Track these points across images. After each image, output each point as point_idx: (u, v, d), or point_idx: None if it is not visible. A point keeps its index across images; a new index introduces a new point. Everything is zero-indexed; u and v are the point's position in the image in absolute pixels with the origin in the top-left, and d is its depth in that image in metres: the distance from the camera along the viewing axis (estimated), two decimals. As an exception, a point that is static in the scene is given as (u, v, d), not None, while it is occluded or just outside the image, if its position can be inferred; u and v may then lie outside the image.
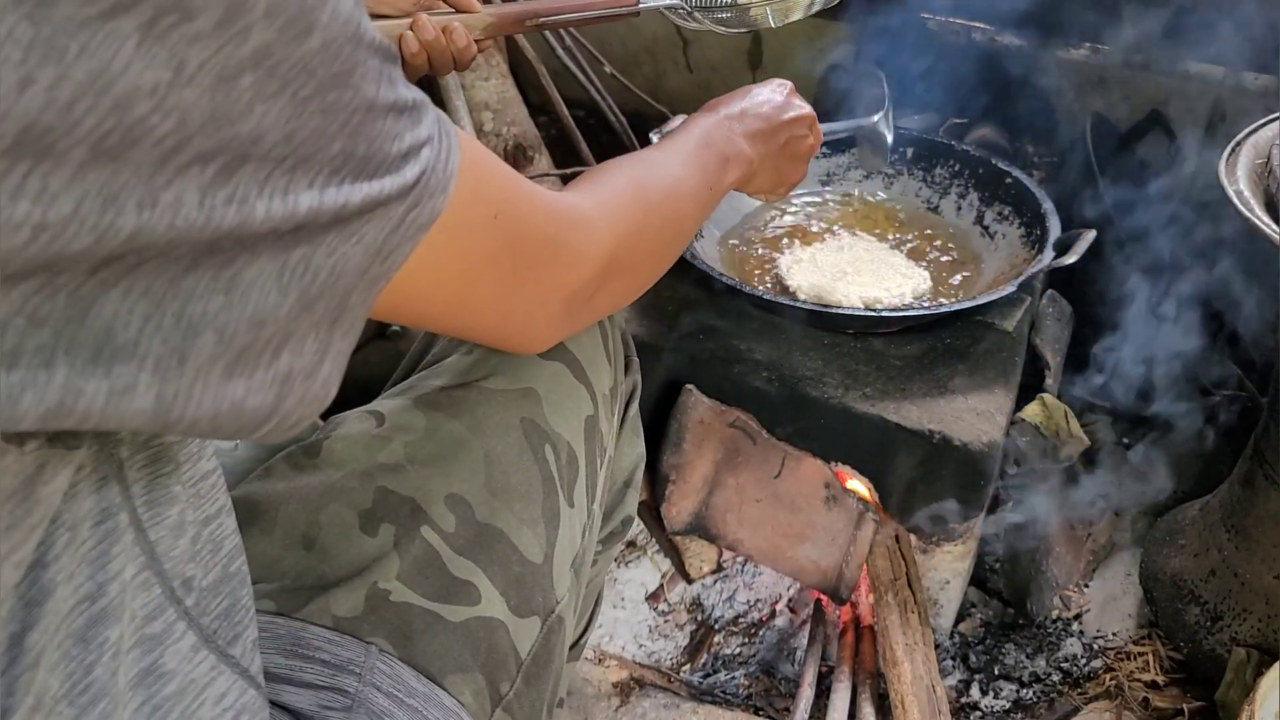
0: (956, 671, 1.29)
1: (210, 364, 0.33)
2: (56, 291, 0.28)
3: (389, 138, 0.37)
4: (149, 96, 0.28)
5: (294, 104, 0.32)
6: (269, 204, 0.32)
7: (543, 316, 0.56)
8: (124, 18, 0.27)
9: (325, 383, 0.38)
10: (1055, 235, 1.26)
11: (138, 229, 0.29)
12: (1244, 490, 1.21)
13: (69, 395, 0.30)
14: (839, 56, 1.85)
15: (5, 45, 0.25)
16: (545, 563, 0.69)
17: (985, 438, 1.14)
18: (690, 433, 1.26)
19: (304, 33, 0.32)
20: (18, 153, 0.26)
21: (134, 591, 0.39)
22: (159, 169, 0.29)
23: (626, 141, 1.88)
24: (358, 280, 0.37)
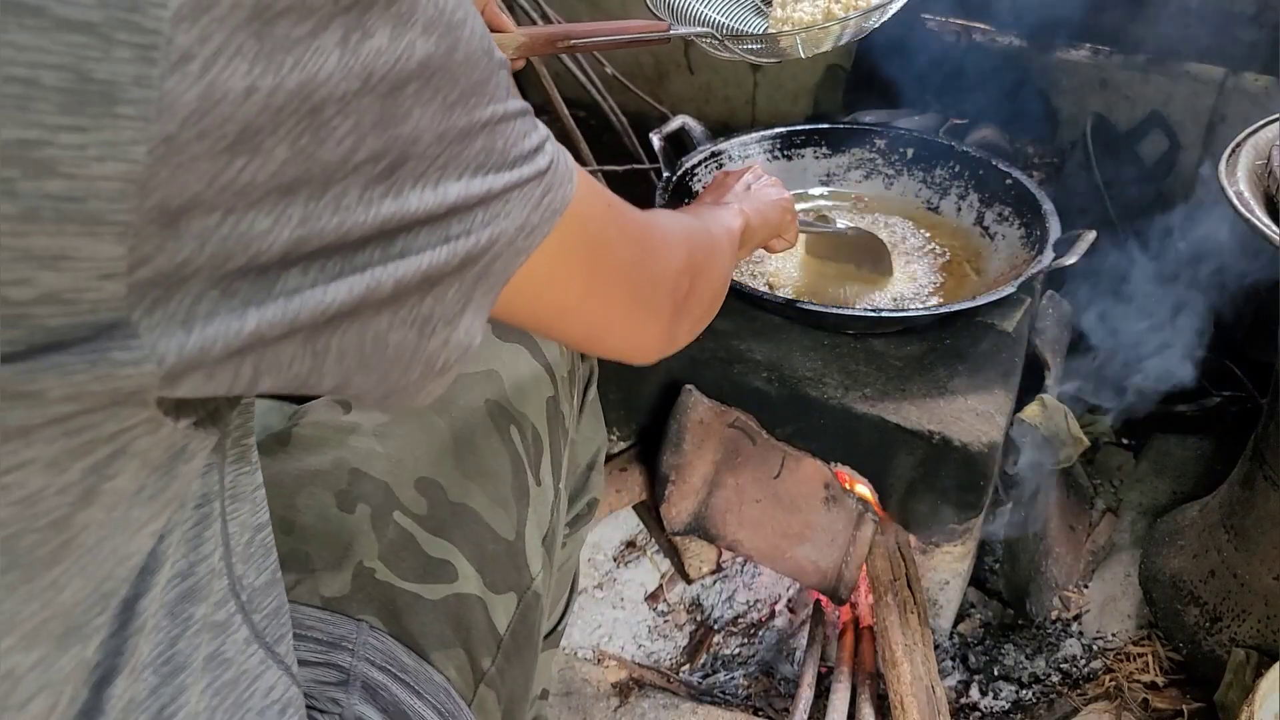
0: (956, 672, 1.29)
1: (374, 304, 0.36)
2: (248, 271, 0.32)
3: (520, 135, 0.41)
4: (338, 102, 0.32)
5: (444, 108, 0.36)
6: (421, 195, 0.36)
7: (655, 313, 0.58)
8: (325, 35, 0.31)
9: (468, 330, 0.41)
10: (1055, 236, 1.26)
11: (305, 216, 0.33)
12: (1243, 491, 1.21)
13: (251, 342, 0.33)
14: (838, 58, 1.85)
15: (236, 58, 0.29)
16: (517, 540, 0.72)
17: (985, 438, 1.14)
18: (690, 433, 1.26)
19: (452, 46, 0.36)
20: (235, 150, 0.30)
21: (214, 576, 0.42)
22: (338, 167, 0.33)
23: (627, 142, 1.88)
24: (505, 249, 0.41)
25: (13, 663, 0.32)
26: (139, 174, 0.28)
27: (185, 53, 0.28)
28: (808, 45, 1.03)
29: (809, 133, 1.52)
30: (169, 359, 0.31)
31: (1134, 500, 1.49)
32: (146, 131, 0.28)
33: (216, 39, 0.28)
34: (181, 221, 0.29)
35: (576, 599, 1.00)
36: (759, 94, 2.00)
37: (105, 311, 0.29)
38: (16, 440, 0.29)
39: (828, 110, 1.87)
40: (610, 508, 1.39)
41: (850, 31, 1.06)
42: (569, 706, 1.23)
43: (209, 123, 0.29)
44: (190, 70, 0.28)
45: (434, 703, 0.63)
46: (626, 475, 1.38)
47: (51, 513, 0.31)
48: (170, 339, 0.31)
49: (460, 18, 0.37)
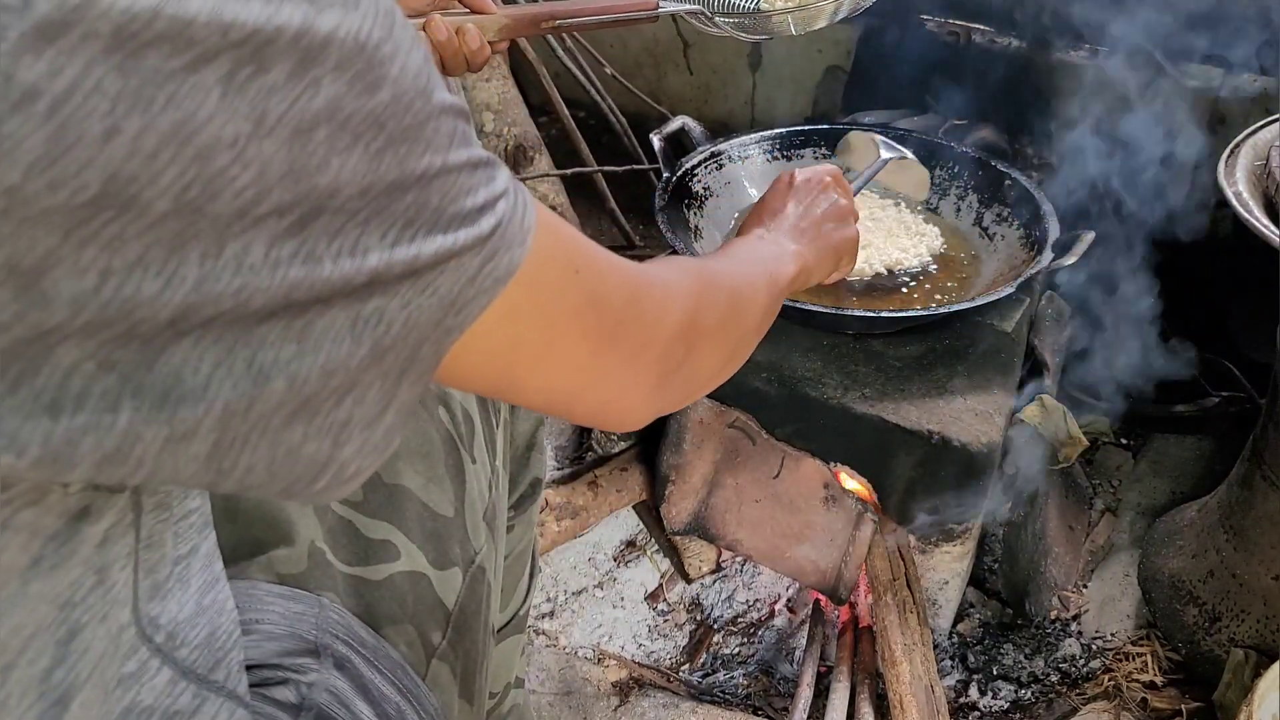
0: (955, 672, 1.29)
1: (275, 411, 0.33)
2: (131, 339, 0.29)
3: (463, 192, 0.36)
4: (230, 148, 0.28)
5: (366, 156, 0.32)
6: (336, 262, 0.32)
7: (634, 381, 0.52)
8: (206, 70, 0.28)
9: (387, 433, 0.38)
10: (1054, 237, 1.27)
11: (201, 278, 0.29)
12: (1242, 491, 1.21)
13: (127, 441, 0.30)
14: (837, 59, 1.85)
15: (92, 96, 0.26)
16: (457, 516, 0.72)
17: (984, 438, 1.15)
18: (690, 433, 1.26)
19: (373, 86, 0.32)
20: (102, 202, 0.27)
21: (119, 631, 0.40)
22: (234, 221, 0.29)
23: (627, 142, 1.88)
24: (430, 332, 0.37)
25: None
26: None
27: (28, 91, 0.25)
28: (800, 23, 1.01)
29: (809, 133, 1.52)
30: (31, 450, 0.28)
31: (1133, 500, 1.49)
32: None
33: (69, 73, 0.25)
34: (44, 283, 0.26)
35: (537, 581, 1.00)
36: (758, 94, 2.00)
37: None
38: None
39: (827, 110, 1.87)
40: (610, 508, 1.39)
41: (845, 8, 1.04)
42: (569, 706, 1.24)
43: (62, 170, 0.26)
44: (35, 111, 0.25)
45: (393, 679, 0.64)
46: (626, 475, 1.38)
47: None
48: (35, 426, 0.28)
49: (386, 54, 0.33)
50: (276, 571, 0.65)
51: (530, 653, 1.28)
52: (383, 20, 0.33)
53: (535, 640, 1.32)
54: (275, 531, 0.66)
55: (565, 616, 1.36)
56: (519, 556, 0.94)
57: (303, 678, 0.58)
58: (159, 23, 0.26)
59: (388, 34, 0.33)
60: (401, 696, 0.63)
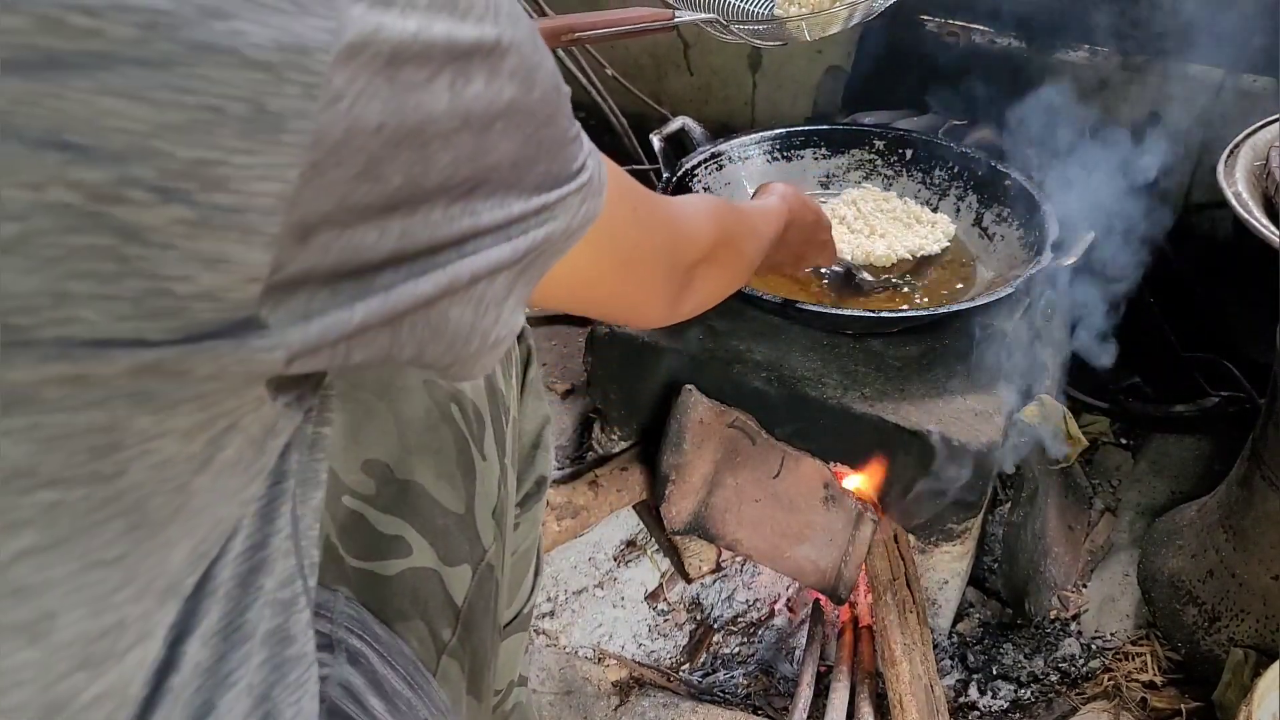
0: (955, 671, 1.29)
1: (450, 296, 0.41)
2: (351, 274, 0.37)
3: (573, 158, 0.47)
4: (442, 139, 0.37)
5: (522, 139, 0.42)
6: (492, 213, 0.42)
7: (661, 292, 0.67)
8: (438, 80, 0.36)
9: (513, 310, 0.47)
10: (1054, 236, 1.27)
11: (403, 231, 0.37)
12: (1242, 491, 1.21)
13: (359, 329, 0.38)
14: (837, 59, 1.86)
15: (374, 99, 0.34)
16: (467, 513, 0.73)
17: (984, 438, 1.15)
18: (690, 433, 1.27)
19: (531, 86, 0.41)
20: (362, 177, 0.35)
21: (282, 554, 0.45)
22: (436, 192, 0.38)
23: (627, 143, 1.88)
24: (548, 247, 0.47)
25: (125, 613, 0.36)
26: (289, 193, 0.32)
27: (338, 92, 0.32)
28: (814, 28, 1.02)
29: (808, 133, 1.52)
30: (294, 346, 0.35)
31: (1132, 500, 1.49)
32: (302, 157, 0.32)
33: (361, 81, 0.33)
34: (311, 235, 0.34)
35: (541, 580, 1.01)
36: (758, 95, 2.00)
37: (242, 309, 0.33)
38: (165, 412, 0.33)
39: (827, 111, 1.87)
40: (610, 507, 1.39)
41: (860, 13, 1.05)
42: (569, 706, 1.24)
43: (346, 152, 0.33)
44: (340, 108, 0.33)
45: (404, 675, 0.65)
46: (626, 475, 1.38)
47: (178, 478, 0.35)
48: (294, 330, 0.35)
49: (537, 60, 0.42)
50: None
51: (531, 652, 1.29)
52: (533, 33, 0.42)
53: (536, 640, 1.32)
54: None
55: (565, 616, 1.36)
56: (524, 555, 0.95)
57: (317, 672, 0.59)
58: (416, 45, 0.35)
59: (535, 44, 0.42)
60: (413, 692, 0.64)
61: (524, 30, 0.41)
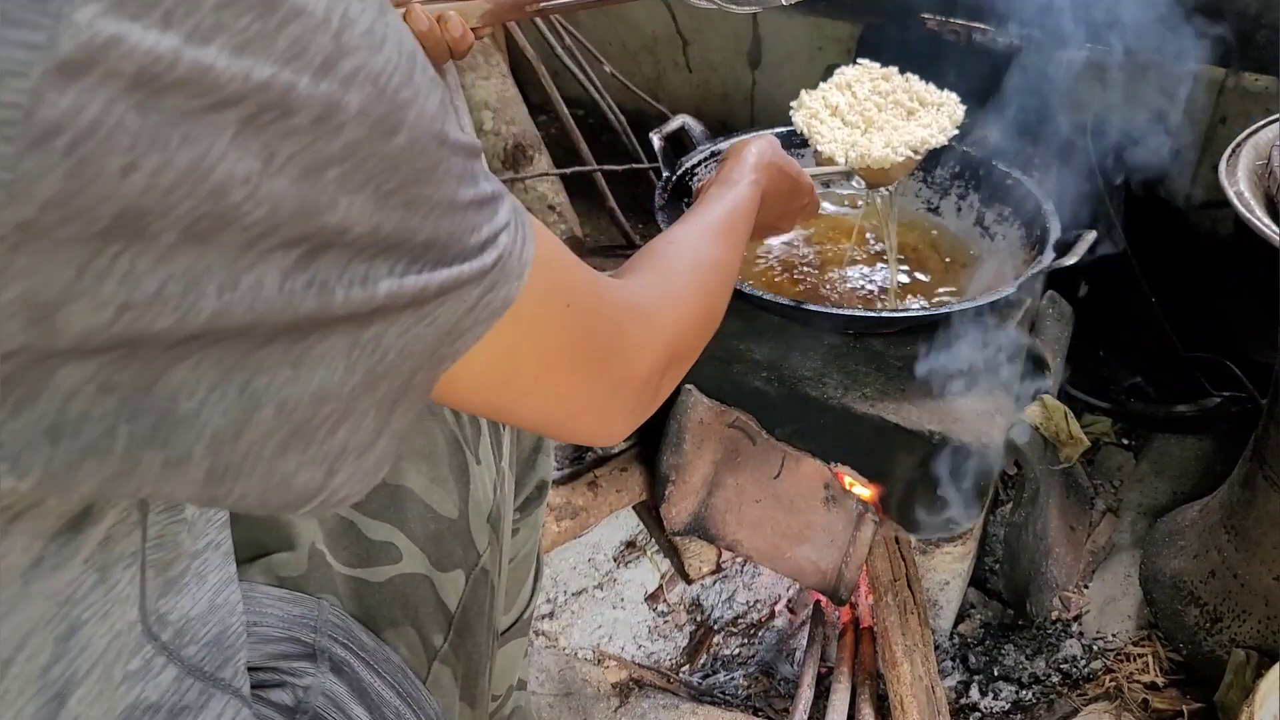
0: (956, 672, 1.29)
1: (265, 438, 0.33)
2: (131, 362, 0.29)
3: (469, 229, 0.38)
4: (242, 185, 0.29)
5: (378, 197, 0.33)
6: (348, 290, 0.33)
7: (615, 408, 0.54)
8: (228, 111, 0.28)
9: (378, 460, 0.38)
10: (1055, 236, 1.26)
11: (218, 311, 0.30)
12: (1243, 491, 1.21)
13: (126, 464, 0.30)
14: (838, 57, 1.85)
15: (115, 133, 0.26)
16: (461, 518, 0.72)
17: (985, 438, 1.14)
18: (690, 433, 1.26)
19: (391, 131, 0.33)
20: (111, 234, 0.27)
21: (126, 630, 0.40)
22: (243, 253, 0.30)
23: (626, 141, 1.88)
24: (425, 360, 0.38)
25: None
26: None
27: (50, 128, 0.25)
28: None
29: (809, 132, 1.52)
30: (33, 473, 0.29)
31: (1134, 500, 1.49)
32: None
33: (91, 110, 0.26)
34: (59, 315, 0.27)
35: (541, 584, 1.00)
36: (758, 93, 2.00)
37: None
38: None
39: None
40: (610, 508, 1.38)
41: None
42: (569, 706, 1.23)
43: (78, 206, 0.26)
44: (55, 147, 0.25)
45: (392, 682, 0.64)
46: (626, 475, 1.38)
47: None
48: (35, 451, 0.28)
49: (407, 98, 0.34)
50: (276, 574, 0.64)
51: (531, 654, 1.28)
52: (404, 65, 0.34)
53: (535, 641, 1.32)
54: (276, 534, 0.66)
55: (565, 617, 1.35)
56: (524, 559, 0.94)
57: (299, 681, 0.58)
58: (181, 65, 0.27)
59: (408, 78, 0.34)
60: (400, 700, 0.63)
61: (386, 58, 0.33)
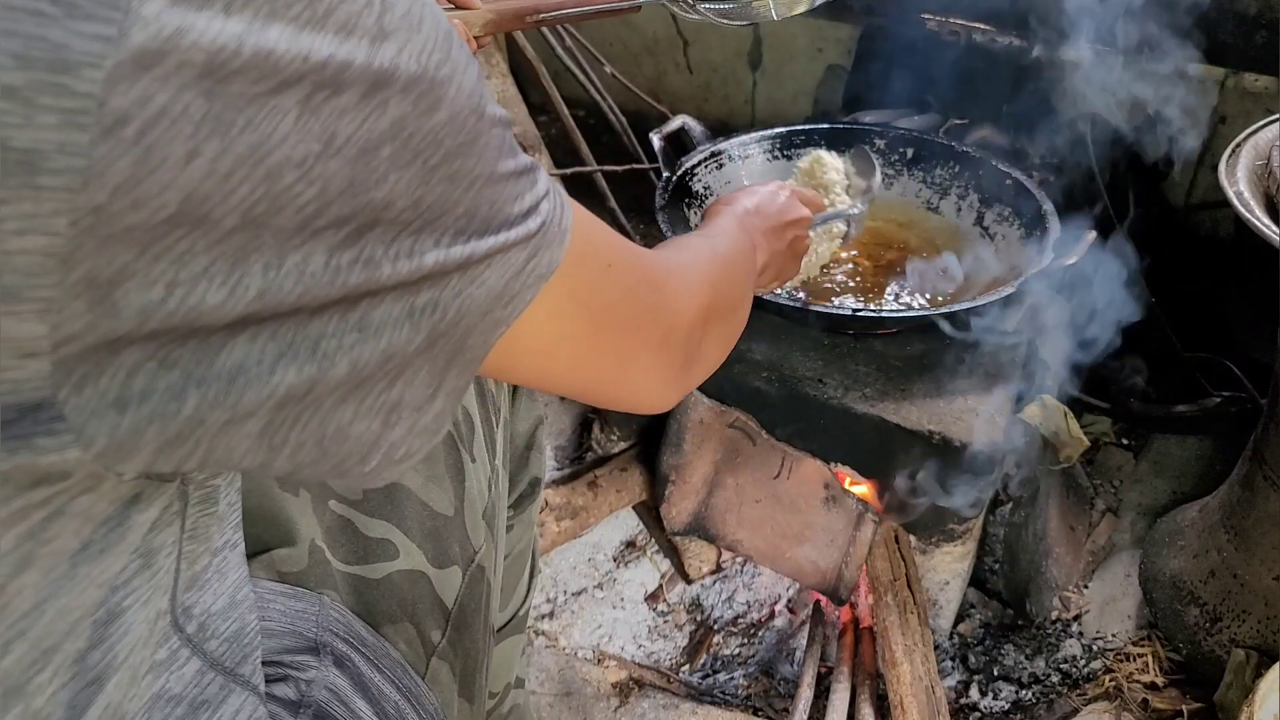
0: (956, 672, 1.29)
1: (332, 391, 0.34)
2: (188, 340, 0.30)
3: (510, 199, 0.39)
4: (298, 167, 0.30)
5: (423, 172, 0.34)
6: (395, 264, 0.34)
7: (663, 366, 0.55)
8: (287, 93, 0.29)
9: (437, 416, 0.39)
10: (1055, 236, 1.26)
11: (264, 288, 0.30)
12: (1243, 491, 1.21)
13: (189, 426, 0.31)
14: (838, 58, 1.85)
15: (180, 120, 0.27)
16: (457, 515, 0.72)
17: (984, 438, 1.14)
18: (690, 433, 1.26)
19: (434, 106, 0.34)
20: (177, 220, 0.28)
21: (156, 618, 0.41)
22: (294, 234, 0.30)
23: (627, 142, 1.88)
24: (479, 322, 0.39)
25: None
26: (61, 247, 0.26)
27: (120, 117, 0.26)
28: (781, 7, 1.00)
29: (809, 133, 1.52)
30: (98, 442, 0.29)
31: (1134, 500, 1.49)
32: (71, 202, 0.26)
33: (159, 100, 0.26)
34: (116, 294, 0.27)
35: (537, 581, 1.00)
36: (758, 94, 2.00)
37: (28, 391, 0.27)
38: None
39: (828, 109, 1.86)
40: (610, 508, 1.38)
41: None
42: (569, 706, 1.23)
43: (145, 191, 0.27)
44: (124, 135, 0.26)
45: (392, 677, 0.64)
46: (626, 475, 1.38)
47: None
48: (100, 421, 0.29)
49: (445, 75, 0.34)
50: (278, 570, 0.65)
51: (530, 653, 1.28)
52: (442, 43, 0.34)
53: (535, 641, 1.32)
54: (277, 531, 0.66)
55: (565, 617, 1.35)
56: (519, 556, 0.94)
57: (302, 675, 0.58)
58: (245, 52, 0.28)
59: (446, 56, 0.34)
60: (401, 695, 0.64)
61: (425, 36, 0.33)
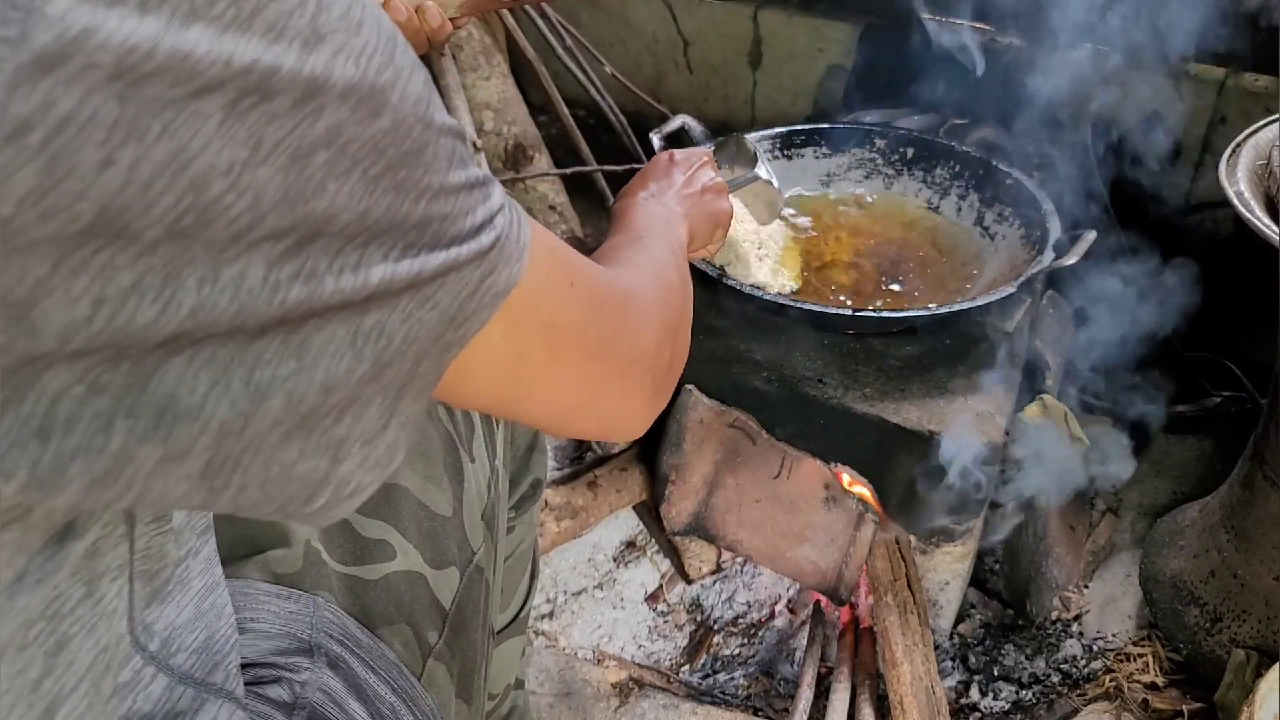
0: (956, 672, 1.29)
1: (271, 428, 0.33)
2: (119, 361, 0.28)
3: (462, 212, 0.37)
4: (224, 175, 0.28)
5: (365, 182, 0.32)
6: (339, 279, 0.32)
7: (630, 391, 0.53)
8: (209, 98, 0.27)
9: (390, 447, 0.37)
10: (1055, 236, 1.26)
11: (198, 304, 0.29)
12: (1243, 491, 1.21)
13: (119, 463, 0.30)
14: (838, 58, 1.85)
15: (89, 126, 0.25)
16: (455, 516, 0.72)
17: (985, 438, 1.14)
18: (690, 433, 1.26)
19: (374, 112, 0.32)
20: (92, 232, 0.26)
21: (114, 644, 0.39)
22: (228, 246, 0.29)
23: (627, 141, 1.88)
24: (430, 347, 0.37)
25: None
26: None
27: (22, 123, 0.25)
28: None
29: (809, 132, 1.52)
30: (19, 474, 0.28)
31: (1134, 500, 1.49)
32: None
33: (64, 104, 0.25)
34: (34, 312, 0.26)
35: (538, 582, 1.00)
36: (758, 93, 2.00)
37: None
38: None
39: (828, 110, 1.86)
40: (610, 508, 1.38)
41: None
42: (569, 706, 1.23)
43: (53, 202, 0.25)
44: (28, 143, 0.25)
45: (388, 679, 0.64)
46: (626, 475, 1.38)
47: None
48: (22, 452, 0.28)
49: (387, 80, 0.33)
50: (273, 571, 0.65)
51: (530, 654, 1.28)
52: (385, 46, 0.33)
53: (535, 641, 1.32)
54: (272, 531, 0.66)
55: (565, 617, 1.35)
56: (519, 557, 0.94)
57: (296, 676, 0.58)
58: (160, 53, 0.26)
59: (389, 60, 0.33)
60: (396, 696, 0.63)
61: (364, 39, 0.32)
